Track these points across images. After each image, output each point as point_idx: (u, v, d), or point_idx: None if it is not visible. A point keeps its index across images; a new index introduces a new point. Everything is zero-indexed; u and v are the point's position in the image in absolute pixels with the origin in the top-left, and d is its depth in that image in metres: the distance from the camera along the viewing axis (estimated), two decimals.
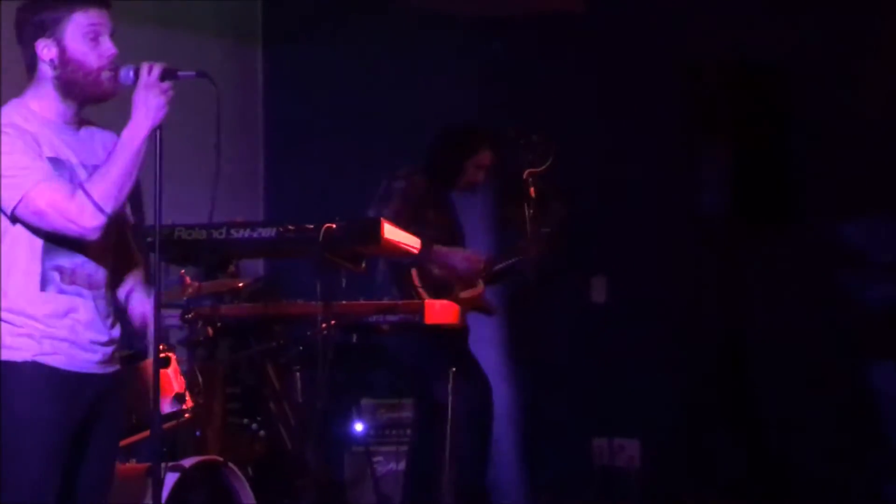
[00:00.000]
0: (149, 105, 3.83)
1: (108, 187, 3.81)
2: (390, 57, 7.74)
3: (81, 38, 3.90)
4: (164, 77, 3.86)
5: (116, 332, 4.09)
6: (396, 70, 7.69)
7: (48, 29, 3.90)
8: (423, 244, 5.91)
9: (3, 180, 3.82)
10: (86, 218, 3.81)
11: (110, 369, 4.07)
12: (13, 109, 3.94)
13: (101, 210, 3.80)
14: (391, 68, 7.71)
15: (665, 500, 7.03)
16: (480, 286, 6.50)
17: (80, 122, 4.02)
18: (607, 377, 7.21)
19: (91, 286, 3.98)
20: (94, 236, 3.84)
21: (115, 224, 3.98)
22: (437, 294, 6.22)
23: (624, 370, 7.20)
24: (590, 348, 7.29)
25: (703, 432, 7.10)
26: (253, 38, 8.33)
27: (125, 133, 3.84)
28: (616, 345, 7.23)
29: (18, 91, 4.00)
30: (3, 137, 3.84)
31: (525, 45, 7.55)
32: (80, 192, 3.80)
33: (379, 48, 7.78)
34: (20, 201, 3.82)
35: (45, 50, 3.91)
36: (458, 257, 6.36)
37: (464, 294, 6.39)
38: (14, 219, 3.85)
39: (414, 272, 6.32)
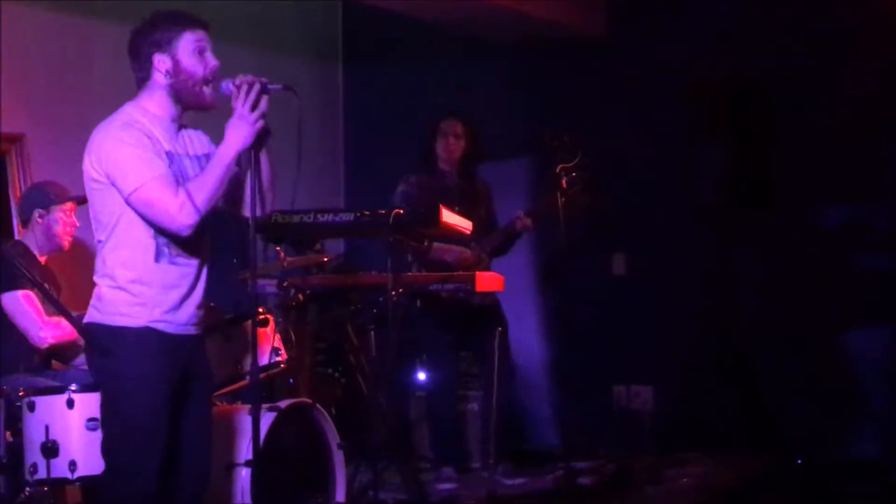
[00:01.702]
0: (239, 133, 3.84)
1: (204, 193, 3.80)
2: (449, 73, 7.75)
3: (191, 53, 3.92)
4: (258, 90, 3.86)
5: (207, 297, 4.04)
6: (453, 84, 7.69)
7: (163, 45, 3.92)
8: (426, 243, 5.95)
9: (127, 168, 3.81)
10: (183, 216, 3.79)
11: (201, 331, 4.06)
12: (133, 108, 3.95)
13: (197, 210, 3.79)
14: (449, 83, 7.72)
15: (672, 438, 7.03)
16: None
17: (181, 124, 4.02)
18: (626, 335, 7.24)
19: (192, 256, 3.96)
20: (187, 232, 3.83)
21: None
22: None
23: (640, 329, 7.20)
24: (611, 312, 7.31)
25: (706, 382, 7.08)
26: (334, 56, 8.33)
27: (219, 149, 3.86)
28: (633, 309, 7.24)
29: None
30: (130, 131, 3.85)
31: (558, 63, 7.55)
32: (182, 193, 3.79)
33: (440, 66, 7.79)
34: (136, 190, 3.80)
35: (161, 62, 3.92)
36: (450, 253, 6.25)
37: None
38: (127, 202, 3.84)
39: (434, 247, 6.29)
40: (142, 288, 3.88)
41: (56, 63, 6.27)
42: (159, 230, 3.86)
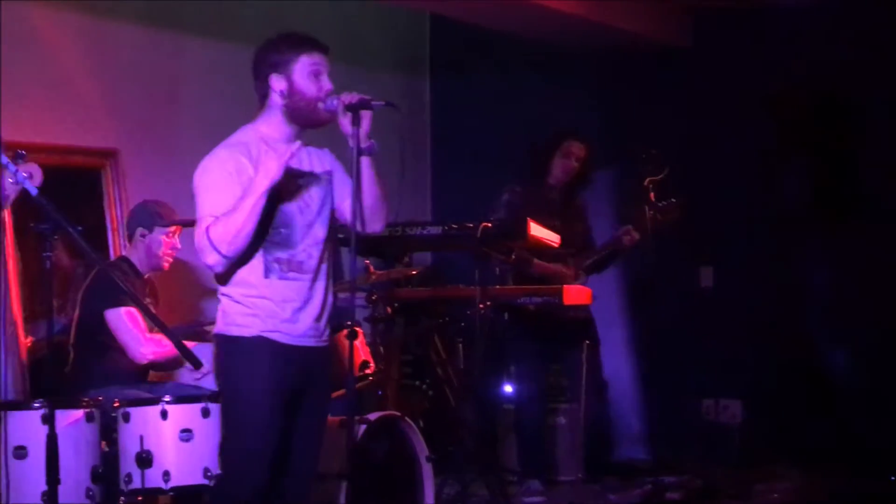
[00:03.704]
0: (267, 168, 3.87)
1: (224, 231, 3.85)
2: (533, 85, 7.73)
3: (306, 75, 3.99)
4: (360, 106, 3.92)
5: (326, 311, 4.10)
6: (537, 96, 7.68)
7: (280, 67, 3.99)
8: (526, 257, 5.91)
9: (202, 195, 3.94)
10: (205, 255, 3.90)
11: (320, 343, 4.10)
12: (245, 131, 4.06)
13: (215, 250, 3.86)
14: (533, 94, 7.70)
15: (760, 451, 6.94)
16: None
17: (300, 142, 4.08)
18: (714, 348, 7.17)
19: (304, 272, 4.02)
20: (215, 270, 3.92)
21: (330, 223, 4.08)
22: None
23: (728, 342, 7.13)
24: (699, 325, 7.24)
25: (796, 396, 6.99)
26: (421, 69, 8.34)
27: (247, 189, 3.87)
28: (721, 322, 7.18)
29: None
30: (225, 152, 3.96)
31: (643, 73, 7.51)
32: (205, 233, 3.87)
33: (525, 78, 7.77)
34: (197, 217, 3.94)
35: (277, 83, 4.00)
36: (558, 276, 6.23)
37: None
38: None
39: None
40: (256, 300, 3.98)
41: (148, 79, 6.35)
42: (267, 247, 3.95)
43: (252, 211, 3.84)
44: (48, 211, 3.64)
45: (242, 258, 3.95)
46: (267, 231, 3.96)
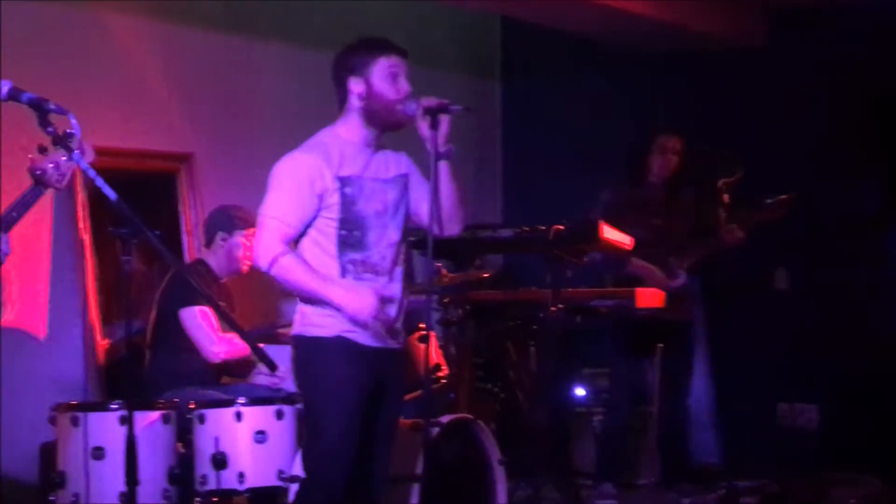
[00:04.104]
0: (360, 307, 3.93)
1: (284, 276, 3.97)
2: (605, 86, 7.69)
3: (384, 78, 4.01)
4: (439, 110, 3.95)
5: (401, 313, 4.12)
6: (609, 97, 7.65)
7: (359, 69, 4.02)
8: (623, 256, 5.87)
9: (271, 193, 3.99)
10: (258, 258, 3.98)
11: (396, 344, 4.12)
12: (324, 133, 4.09)
13: (267, 268, 3.95)
14: (606, 96, 7.67)
15: (836, 456, 6.85)
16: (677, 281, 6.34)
17: (378, 146, 4.11)
18: (789, 352, 7.07)
19: (378, 274, 4.04)
20: (266, 271, 3.97)
21: (404, 226, 4.11)
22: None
23: (803, 345, 7.03)
24: (773, 328, 7.15)
25: (873, 400, 6.88)
26: (491, 72, 8.32)
27: (323, 293, 3.96)
28: (796, 325, 7.08)
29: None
30: (304, 156, 3.99)
31: (715, 74, 7.45)
32: (272, 262, 3.94)
33: (597, 80, 7.74)
34: (260, 213, 4.00)
35: (356, 86, 4.02)
36: (653, 277, 6.17)
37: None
38: None
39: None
40: None
41: (223, 83, 6.40)
42: (341, 249, 3.99)
43: (308, 294, 3.97)
44: (127, 215, 3.67)
45: (316, 257, 4.02)
46: (341, 233, 3.99)
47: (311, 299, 3.99)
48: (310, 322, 4.03)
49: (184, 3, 6.21)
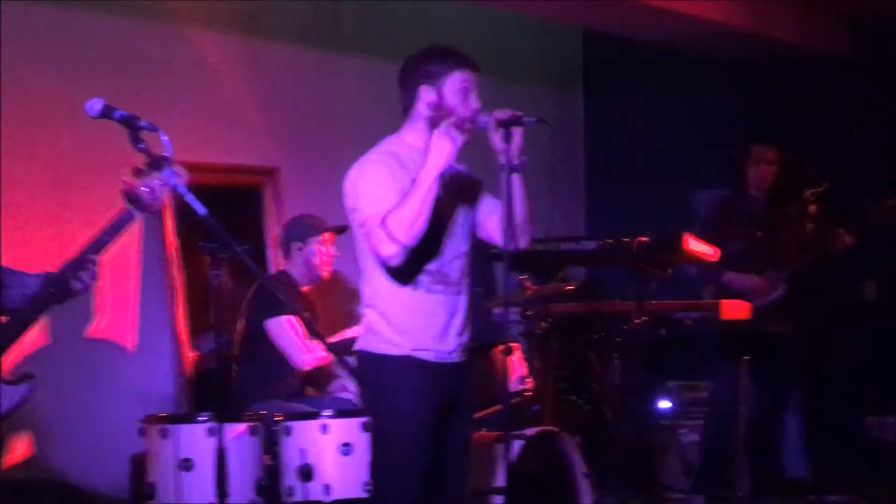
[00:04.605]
0: (440, 150, 3.80)
1: (400, 220, 3.75)
2: (688, 97, 7.65)
3: (456, 92, 3.93)
4: (512, 122, 3.85)
5: (469, 325, 4.04)
6: (693, 107, 7.60)
7: (432, 78, 3.94)
8: (716, 269, 5.78)
9: (362, 199, 3.87)
10: (382, 247, 3.78)
11: (463, 358, 4.04)
12: (392, 139, 4.02)
13: (394, 240, 3.76)
14: (689, 106, 7.62)
15: None
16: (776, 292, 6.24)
17: None
18: (879, 364, 6.97)
19: (449, 285, 3.97)
20: (392, 262, 3.80)
21: (472, 237, 4.05)
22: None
23: (893, 357, 6.93)
24: (863, 340, 7.07)
25: None
26: (574, 84, 8.31)
27: (421, 173, 3.79)
28: (886, 337, 6.99)
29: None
30: (378, 164, 3.91)
31: (800, 83, 7.36)
32: (380, 225, 3.78)
33: (680, 90, 7.69)
34: (363, 222, 3.87)
35: (427, 94, 3.95)
36: (748, 285, 6.10)
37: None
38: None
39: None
40: (401, 317, 3.93)
41: (307, 97, 6.46)
42: (411, 259, 3.86)
43: (427, 195, 3.76)
44: (216, 230, 3.70)
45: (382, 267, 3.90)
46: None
47: (419, 214, 3.75)
48: (379, 338, 3.94)
49: (267, 19, 6.28)
